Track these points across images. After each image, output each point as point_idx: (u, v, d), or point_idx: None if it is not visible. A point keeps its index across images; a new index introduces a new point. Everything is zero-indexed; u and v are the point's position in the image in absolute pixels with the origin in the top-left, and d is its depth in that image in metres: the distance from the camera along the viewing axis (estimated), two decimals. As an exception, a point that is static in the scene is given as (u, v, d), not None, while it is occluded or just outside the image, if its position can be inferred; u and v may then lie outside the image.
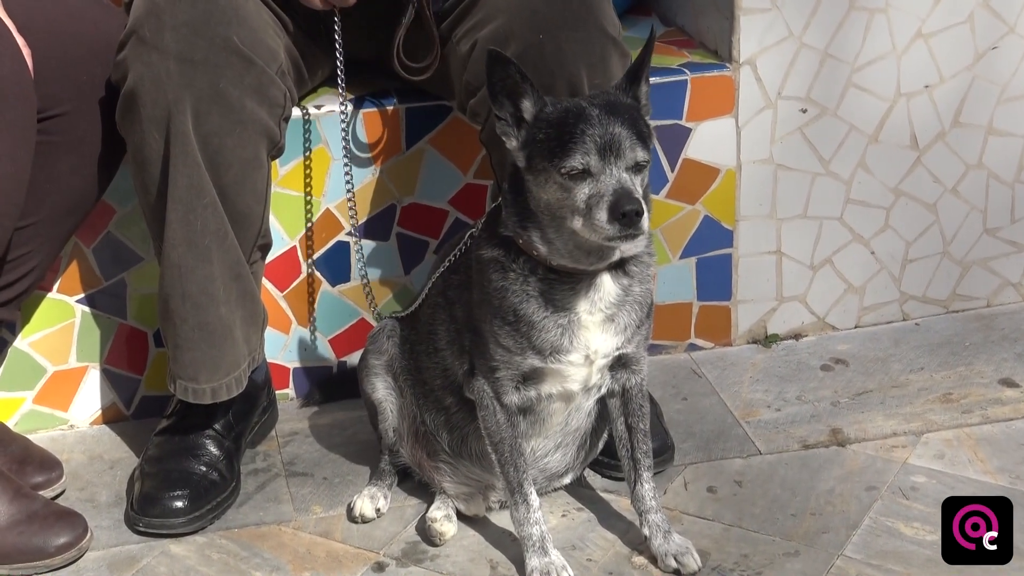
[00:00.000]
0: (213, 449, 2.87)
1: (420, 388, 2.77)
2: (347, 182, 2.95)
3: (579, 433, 2.75)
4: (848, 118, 3.30)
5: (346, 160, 2.96)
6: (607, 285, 2.54)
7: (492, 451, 2.65)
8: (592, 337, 2.56)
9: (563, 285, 2.53)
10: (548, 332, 2.54)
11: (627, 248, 2.50)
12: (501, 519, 2.80)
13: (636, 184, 2.44)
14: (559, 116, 2.47)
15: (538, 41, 2.68)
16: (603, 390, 2.67)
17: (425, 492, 2.85)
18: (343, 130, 3.01)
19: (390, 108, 3.10)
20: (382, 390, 2.81)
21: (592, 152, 2.42)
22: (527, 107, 2.49)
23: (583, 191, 2.43)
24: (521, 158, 2.51)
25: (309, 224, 3.13)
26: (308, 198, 3.12)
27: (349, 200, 2.96)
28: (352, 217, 2.98)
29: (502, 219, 2.55)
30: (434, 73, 2.91)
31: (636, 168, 2.45)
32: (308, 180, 3.10)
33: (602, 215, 2.40)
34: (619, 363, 2.64)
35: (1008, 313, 3.48)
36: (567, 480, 2.84)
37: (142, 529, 2.80)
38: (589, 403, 2.70)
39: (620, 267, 2.55)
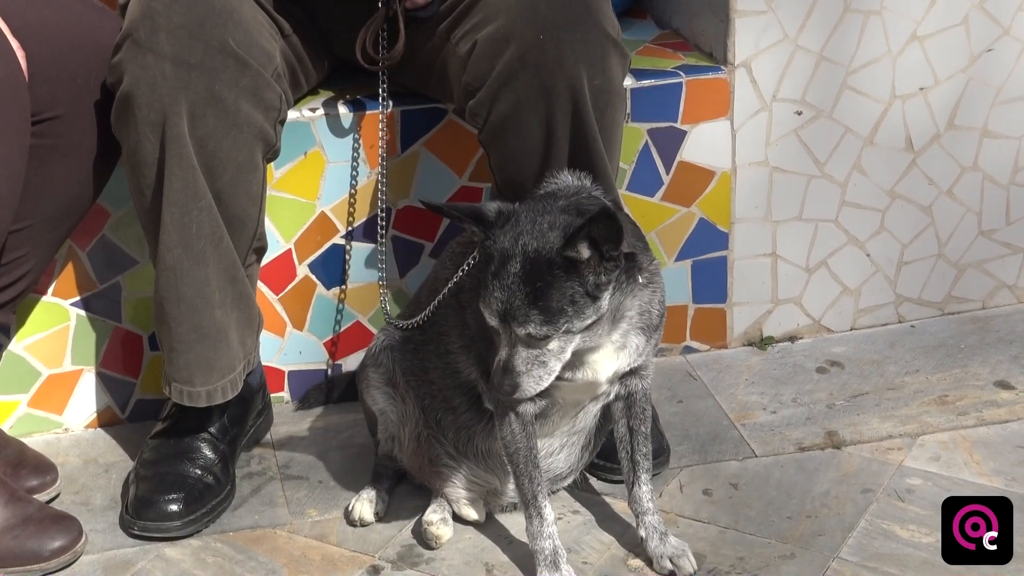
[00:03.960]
0: (208, 452, 2.87)
1: (426, 388, 2.76)
2: (380, 188, 2.95)
3: (584, 432, 2.75)
4: (843, 120, 3.30)
5: (382, 162, 2.95)
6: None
7: (508, 462, 2.65)
8: (600, 366, 2.56)
9: None
10: None
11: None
12: (498, 522, 2.80)
13: (538, 348, 2.42)
14: (488, 256, 2.44)
15: (538, 41, 2.67)
16: (612, 396, 2.67)
17: (421, 495, 2.85)
18: (381, 130, 2.97)
19: (385, 111, 3.09)
20: (383, 402, 2.81)
21: (494, 315, 2.44)
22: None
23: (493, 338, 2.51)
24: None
25: (304, 227, 3.13)
26: (303, 201, 3.11)
27: (381, 206, 2.95)
28: (382, 220, 2.96)
29: None
30: (431, 75, 2.91)
31: (532, 340, 2.42)
32: (303, 183, 3.10)
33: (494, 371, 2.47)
34: (629, 372, 2.63)
35: (1003, 315, 3.48)
36: (568, 482, 2.84)
37: (137, 532, 2.79)
38: (597, 407, 2.70)
39: None
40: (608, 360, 2.56)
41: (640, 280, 2.52)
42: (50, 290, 3.06)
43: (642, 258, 2.53)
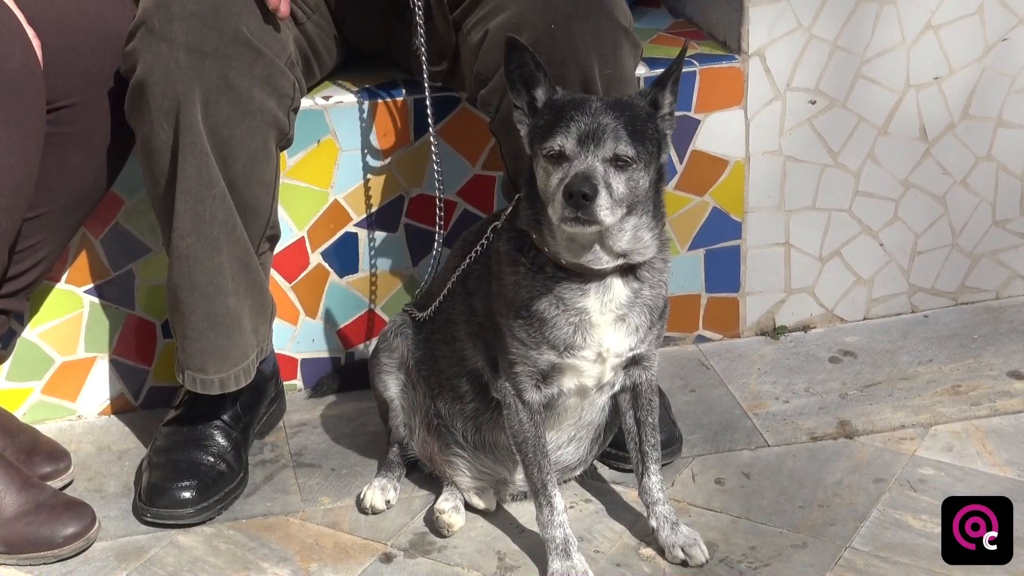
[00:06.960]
0: (221, 440, 2.88)
1: (435, 377, 2.77)
2: (437, 177, 2.93)
3: (593, 427, 2.75)
4: (857, 110, 3.30)
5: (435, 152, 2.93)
6: (616, 287, 2.54)
7: (516, 451, 2.66)
8: (604, 335, 2.56)
9: (571, 284, 2.53)
10: (560, 329, 2.54)
11: (577, 232, 2.44)
12: (509, 511, 2.81)
13: (616, 178, 2.41)
14: (561, 104, 2.47)
15: (550, 30, 2.68)
16: (617, 387, 2.67)
17: (433, 483, 2.86)
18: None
19: (399, 99, 3.10)
20: (394, 388, 2.81)
21: (572, 136, 2.41)
22: (539, 96, 2.50)
23: (558, 175, 2.42)
24: (527, 145, 2.51)
25: (317, 215, 3.13)
26: (316, 189, 3.12)
27: (438, 189, 2.93)
28: (439, 217, 2.91)
29: (519, 211, 2.55)
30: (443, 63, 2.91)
31: (617, 162, 2.41)
32: (316, 171, 3.10)
33: (559, 195, 2.39)
34: (632, 361, 2.64)
35: (1017, 305, 3.48)
36: (577, 473, 2.84)
37: (150, 519, 2.80)
38: (603, 399, 2.70)
39: (631, 271, 2.54)
40: (608, 329, 2.56)
41: (656, 238, 2.55)
42: (64, 277, 3.07)
43: (659, 229, 2.56)
